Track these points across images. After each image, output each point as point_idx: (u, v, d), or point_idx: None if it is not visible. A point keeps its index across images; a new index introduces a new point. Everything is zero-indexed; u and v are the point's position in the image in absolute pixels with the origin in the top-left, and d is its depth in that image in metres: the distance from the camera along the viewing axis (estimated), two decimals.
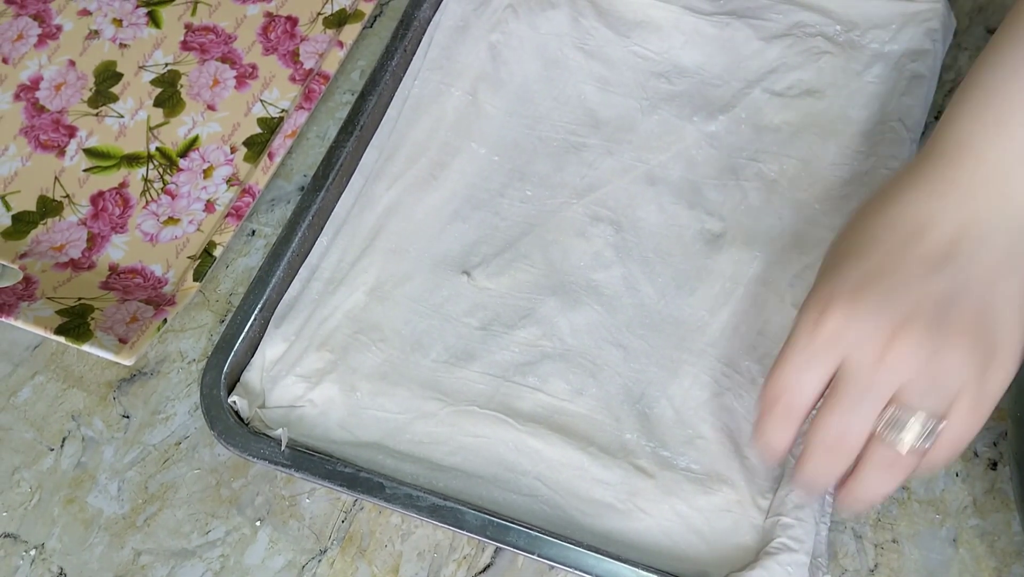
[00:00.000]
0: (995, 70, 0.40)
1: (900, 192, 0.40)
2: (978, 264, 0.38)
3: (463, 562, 0.49)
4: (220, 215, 0.57)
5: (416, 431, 0.50)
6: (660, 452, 0.48)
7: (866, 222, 0.41)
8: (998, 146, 0.39)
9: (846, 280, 0.39)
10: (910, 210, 0.39)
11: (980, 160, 0.39)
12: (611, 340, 0.51)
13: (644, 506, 0.47)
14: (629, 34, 0.60)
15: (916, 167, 0.41)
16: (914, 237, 0.39)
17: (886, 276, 0.38)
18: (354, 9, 0.64)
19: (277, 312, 0.53)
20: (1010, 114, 0.39)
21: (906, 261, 0.39)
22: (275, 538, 0.49)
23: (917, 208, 0.39)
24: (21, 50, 0.63)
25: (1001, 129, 0.39)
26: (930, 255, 0.38)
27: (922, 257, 0.38)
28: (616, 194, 0.55)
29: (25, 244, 0.57)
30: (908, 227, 0.39)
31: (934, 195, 0.39)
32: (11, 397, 0.54)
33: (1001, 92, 0.40)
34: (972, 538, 0.48)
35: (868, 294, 0.38)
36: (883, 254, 0.39)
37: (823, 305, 0.39)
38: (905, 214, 0.40)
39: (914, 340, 0.37)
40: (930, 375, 0.37)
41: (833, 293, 0.39)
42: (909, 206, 0.40)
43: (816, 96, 0.57)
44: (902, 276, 0.38)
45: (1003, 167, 0.39)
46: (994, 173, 0.39)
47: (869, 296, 0.38)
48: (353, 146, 0.57)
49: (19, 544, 0.50)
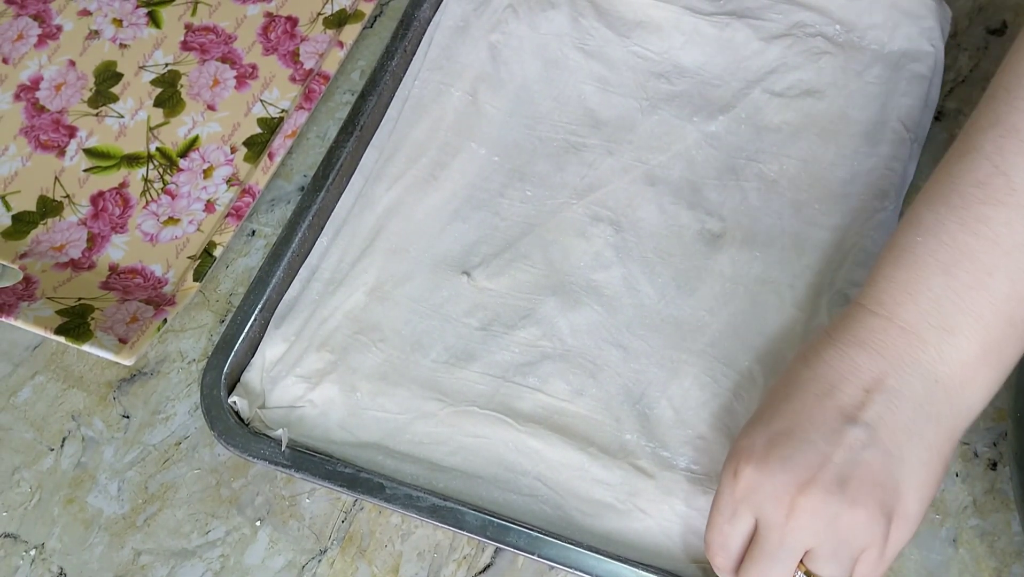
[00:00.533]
0: (912, 230, 0.42)
1: (822, 346, 0.42)
2: (889, 417, 0.40)
3: (463, 562, 0.49)
4: (220, 215, 0.57)
5: (416, 431, 0.50)
6: (660, 452, 0.48)
7: (790, 373, 0.43)
8: (907, 309, 0.40)
9: (762, 433, 0.41)
10: (826, 365, 0.41)
11: (891, 321, 0.41)
12: (611, 340, 0.51)
13: (644, 506, 0.47)
14: (629, 34, 0.60)
15: (841, 321, 0.43)
16: (829, 392, 0.41)
17: (796, 432, 0.40)
18: (354, 9, 0.64)
19: (277, 312, 0.53)
20: (918, 278, 0.41)
21: (818, 416, 0.40)
22: (275, 538, 0.49)
23: (834, 363, 0.41)
24: (21, 50, 0.63)
25: (909, 289, 0.41)
26: (843, 407, 0.40)
27: (835, 410, 0.40)
28: (616, 194, 0.55)
29: (25, 244, 0.57)
30: (824, 381, 0.41)
31: (849, 351, 0.41)
32: (11, 397, 0.54)
33: (914, 254, 0.41)
34: (972, 538, 0.48)
35: (776, 451, 0.40)
36: (798, 408, 0.41)
37: (739, 458, 0.41)
38: (822, 368, 0.41)
39: (816, 503, 0.39)
40: (834, 537, 0.39)
41: (748, 446, 0.41)
42: (826, 361, 0.41)
43: (816, 96, 0.57)
44: (812, 432, 0.40)
45: (911, 329, 0.40)
46: (903, 334, 0.40)
47: (778, 453, 0.40)
48: (353, 146, 0.57)
49: (19, 544, 0.50)
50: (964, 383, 0.40)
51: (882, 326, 0.41)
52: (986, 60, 0.60)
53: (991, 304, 0.40)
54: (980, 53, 0.61)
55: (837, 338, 0.42)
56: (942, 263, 0.40)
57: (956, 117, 0.58)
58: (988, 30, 0.61)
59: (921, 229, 0.41)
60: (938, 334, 0.40)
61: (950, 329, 0.40)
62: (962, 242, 0.40)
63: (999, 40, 0.61)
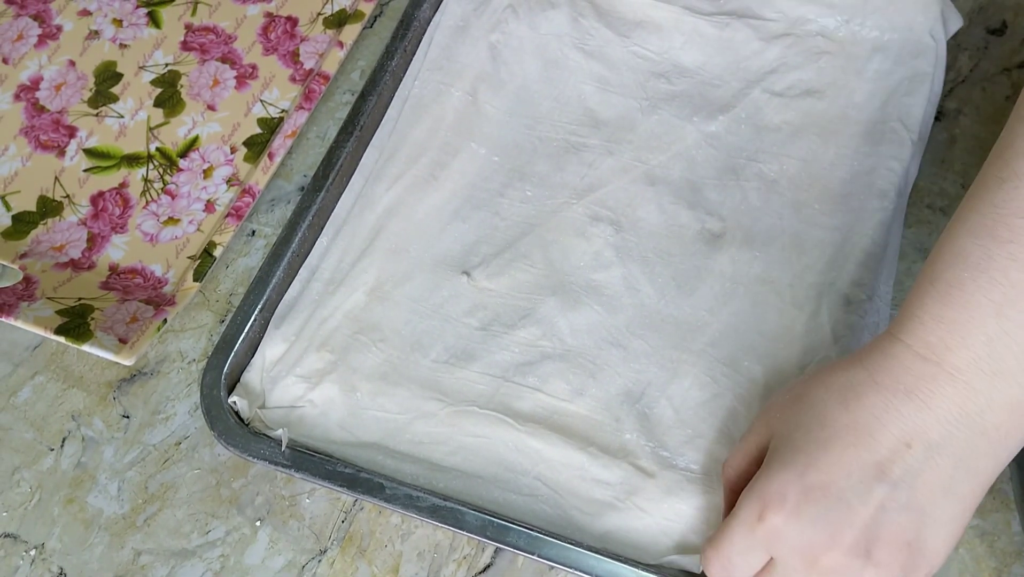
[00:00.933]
0: (958, 264, 0.40)
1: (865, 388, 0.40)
2: (928, 473, 0.39)
3: (463, 562, 0.49)
4: (220, 215, 0.57)
5: (416, 431, 0.50)
6: (660, 452, 0.48)
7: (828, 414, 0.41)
8: (958, 355, 0.39)
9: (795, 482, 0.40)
10: (868, 413, 0.40)
11: (940, 367, 0.39)
12: (611, 340, 0.51)
13: (643, 505, 0.47)
14: (629, 34, 0.60)
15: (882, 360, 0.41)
16: (868, 443, 0.39)
17: (831, 489, 0.39)
18: (354, 9, 0.64)
19: (277, 312, 0.53)
20: (970, 320, 0.39)
21: (855, 469, 0.39)
22: (275, 538, 0.49)
23: (876, 412, 0.40)
24: (21, 50, 0.63)
25: (960, 332, 0.39)
26: (880, 462, 0.39)
27: (872, 465, 0.39)
28: (616, 194, 0.55)
29: (25, 244, 0.57)
30: (864, 430, 0.40)
31: (895, 401, 0.39)
32: (11, 397, 0.54)
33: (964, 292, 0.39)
34: (972, 538, 0.48)
35: (809, 506, 0.39)
36: (835, 460, 0.40)
37: (768, 503, 0.40)
38: (863, 415, 0.40)
39: (839, 564, 0.39)
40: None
41: (779, 493, 0.40)
42: (868, 409, 0.40)
43: (816, 96, 0.57)
44: (847, 489, 0.39)
45: (962, 377, 0.38)
46: (952, 382, 0.39)
47: (809, 508, 0.39)
48: (353, 146, 0.57)
49: (19, 544, 0.50)
50: (1009, 431, 0.39)
51: (931, 373, 0.39)
52: (986, 60, 0.60)
53: None
54: (980, 53, 0.61)
55: (881, 383, 0.40)
56: (995, 303, 0.38)
57: (956, 117, 0.58)
58: (988, 30, 0.61)
59: (968, 264, 0.39)
60: (989, 380, 0.38)
61: (1001, 374, 0.38)
62: (1015, 280, 0.38)
63: (999, 40, 0.61)
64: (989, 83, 0.59)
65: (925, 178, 0.57)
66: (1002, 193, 0.40)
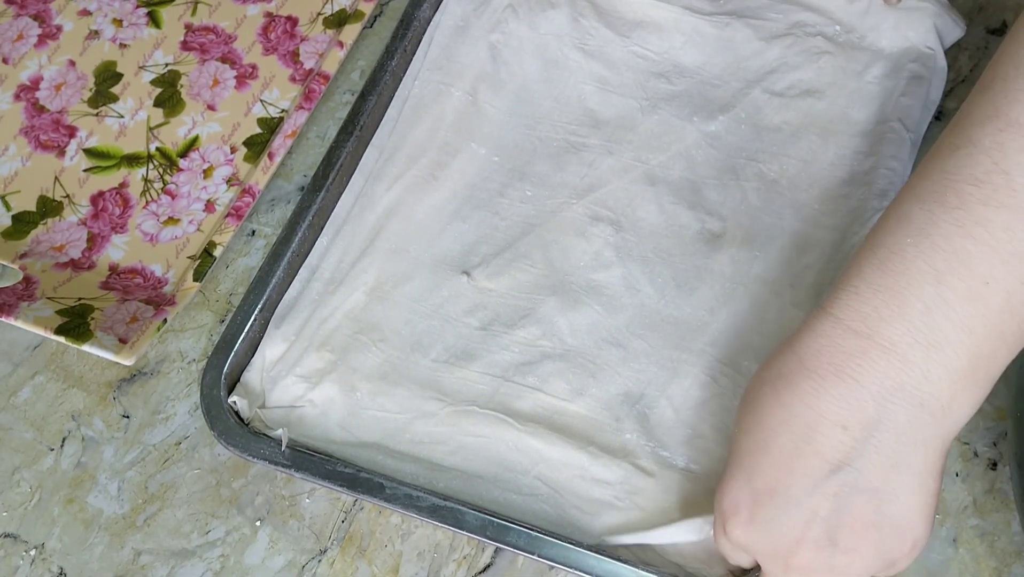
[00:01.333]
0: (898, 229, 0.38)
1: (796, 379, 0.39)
2: (873, 453, 0.37)
3: (463, 562, 0.49)
4: (220, 215, 0.57)
5: (416, 431, 0.50)
6: (660, 452, 0.48)
7: (764, 409, 0.40)
8: (893, 326, 0.37)
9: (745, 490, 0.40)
10: (802, 404, 0.38)
11: (872, 340, 0.37)
12: (611, 340, 0.51)
13: (643, 505, 0.47)
14: (629, 34, 0.60)
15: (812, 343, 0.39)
16: (807, 436, 0.38)
17: (779, 490, 0.39)
18: (354, 9, 0.64)
19: (277, 312, 0.53)
20: (908, 287, 0.37)
21: (799, 467, 0.38)
22: (275, 538, 0.49)
23: (809, 401, 0.38)
24: (21, 50, 0.63)
25: (897, 300, 0.37)
26: (822, 452, 0.38)
27: (815, 457, 0.38)
28: (616, 194, 0.55)
29: (25, 244, 0.57)
30: (801, 423, 0.38)
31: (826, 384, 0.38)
32: (11, 397, 0.54)
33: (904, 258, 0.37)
34: (972, 538, 0.48)
35: (763, 513, 0.39)
36: (777, 461, 0.39)
37: (726, 514, 0.41)
38: (798, 408, 0.38)
39: (809, 560, 0.39)
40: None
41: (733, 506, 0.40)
42: (801, 399, 0.38)
43: (816, 96, 0.57)
44: (795, 487, 0.38)
45: (896, 349, 0.37)
46: (885, 355, 0.37)
47: (764, 515, 0.39)
48: (353, 146, 0.57)
49: (19, 544, 0.50)
50: (950, 402, 0.37)
51: (862, 348, 0.37)
52: (986, 60, 0.60)
53: (984, 317, 0.36)
54: (980, 53, 0.61)
55: (811, 366, 0.38)
56: (936, 270, 0.36)
57: None
58: (988, 30, 0.61)
59: (912, 229, 0.37)
60: (924, 351, 0.37)
61: (938, 345, 0.37)
62: (959, 246, 0.36)
63: (999, 40, 0.61)
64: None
65: None
66: (954, 160, 0.38)
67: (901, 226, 0.38)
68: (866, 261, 0.39)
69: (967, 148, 0.38)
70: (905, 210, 0.38)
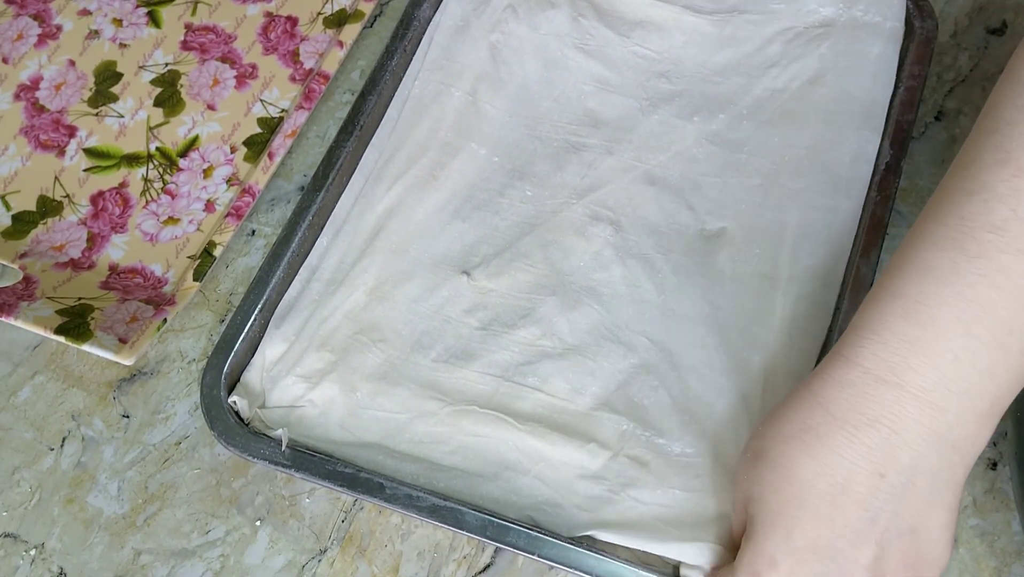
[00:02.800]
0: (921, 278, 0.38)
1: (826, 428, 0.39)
2: (909, 496, 0.38)
3: (463, 562, 0.49)
4: (220, 215, 0.57)
5: (416, 431, 0.50)
6: (655, 440, 0.48)
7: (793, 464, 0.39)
8: (923, 375, 0.37)
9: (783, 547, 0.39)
10: (835, 455, 0.38)
11: (903, 389, 0.38)
12: (611, 338, 0.51)
13: (637, 494, 0.47)
14: (629, 34, 0.60)
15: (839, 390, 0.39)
16: (843, 487, 0.38)
17: (821, 545, 0.38)
18: (354, 9, 0.64)
19: (277, 312, 0.53)
20: (936, 338, 0.37)
21: (839, 519, 0.38)
22: (275, 538, 0.49)
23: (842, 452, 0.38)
24: (21, 50, 0.63)
25: (926, 351, 0.37)
26: (861, 501, 0.38)
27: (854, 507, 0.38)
28: (616, 194, 0.55)
29: (25, 244, 0.57)
30: (836, 475, 0.38)
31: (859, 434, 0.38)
32: (11, 397, 0.54)
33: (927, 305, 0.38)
34: (972, 538, 0.48)
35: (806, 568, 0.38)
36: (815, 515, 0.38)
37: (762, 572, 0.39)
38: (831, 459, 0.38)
39: None
40: None
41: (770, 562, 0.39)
42: (834, 450, 0.38)
43: (818, 83, 0.57)
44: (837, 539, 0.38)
45: (927, 397, 0.37)
46: (917, 403, 0.38)
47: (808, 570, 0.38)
48: (353, 146, 0.57)
49: (19, 544, 0.50)
50: (975, 441, 0.38)
51: (894, 397, 0.38)
52: (986, 60, 0.60)
53: (1006, 363, 0.38)
54: (980, 53, 0.61)
55: (842, 418, 0.38)
56: (963, 320, 0.37)
57: (956, 117, 0.58)
58: (988, 30, 0.61)
59: (933, 278, 0.38)
60: (956, 399, 0.37)
61: (967, 392, 0.37)
62: (983, 296, 0.37)
63: (999, 40, 0.61)
64: (989, 83, 0.59)
65: (925, 178, 0.57)
66: (971, 206, 0.39)
67: (923, 275, 0.38)
68: (888, 310, 0.39)
69: (982, 194, 0.38)
70: (925, 258, 0.39)
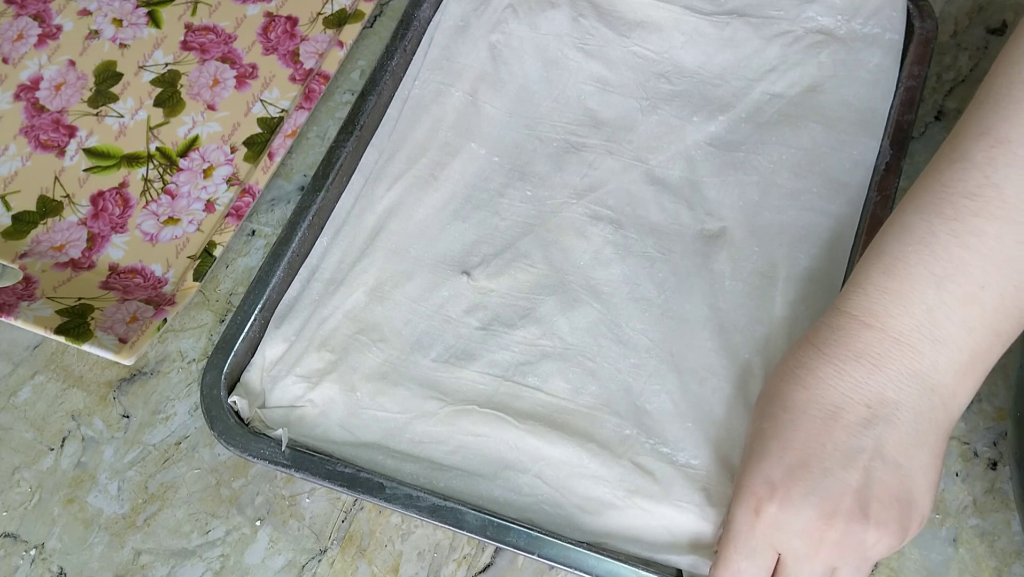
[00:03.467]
0: (901, 238, 0.42)
1: (816, 363, 0.42)
2: (894, 430, 0.40)
3: (463, 562, 0.49)
4: (220, 215, 0.57)
5: (416, 431, 0.50)
6: (660, 448, 0.48)
7: (787, 395, 0.42)
8: (898, 320, 0.41)
9: (777, 467, 0.41)
10: (825, 385, 0.41)
11: (884, 333, 0.41)
12: (611, 338, 0.51)
13: (643, 503, 0.47)
14: (629, 34, 0.60)
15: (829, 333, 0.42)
16: (833, 411, 0.41)
17: (812, 463, 0.41)
18: (354, 9, 0.64)
19: (277, 312, 0.53)
20: (912, 290, 0.41)
21: (829, 441, 0.41)
22: (275, 538, 0.49)
23: (832, 382, 0.41)
24: (21, 50, 0.63)
25: (902, 301, 0.41)
26: (849, 425, 0.41)
27: (843, 432, 0.41)
28: (616, 193, 0.55)
29: (25, 244, 0.57)
30: (826, 402, 0.41)
31: (846, 368, 0.41)
32: (11, 397, 0.54)
33: (907, 265, 0.41)
34: (972, 538, 0.48)
35: (797, 486, 0.40)
36: (807, 434, 0.41)
37: (759, 496, 0.41)
38: (820, 389, 0.41)
39: (843, 533, 0.40)
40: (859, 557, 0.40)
41: (766, 483, 0.41)
42: (823, 380, 0.41)
43: (817, 91, 0.57)
44: (827, 460, 0.40)
45: (905, 340, 0.41)
46: (898, 346, 0.41)
47: (798, 488, 0.40)
48: (353, 146, 0.57)
49: (19, 544, 0.50)
50: (955, 390, 0.41)
51: (876, 338, 0.41)
52: (986, 60, 0.60)
53: (981, 317, 0.40)
54: (980, 53, 0.61)
55: (830, 353, 0.42)
56: (936, 276, 0.40)
57: (956, 117, 0.58)
58: (988, 30, 0.61)
59: (913, 238, 0.41)
60: (932, 345, 0.40)
61: (942, 340, 0.40)
62: (956, 256, 0.40)
63: (999, 40, 0.61)
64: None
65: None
66: (951, 173, 0.42)
67: (903, 235, 0.42)
68: (873, 266, 0.43)
69: (961, 163, 0.42)
70: (907, 220, 0.42)
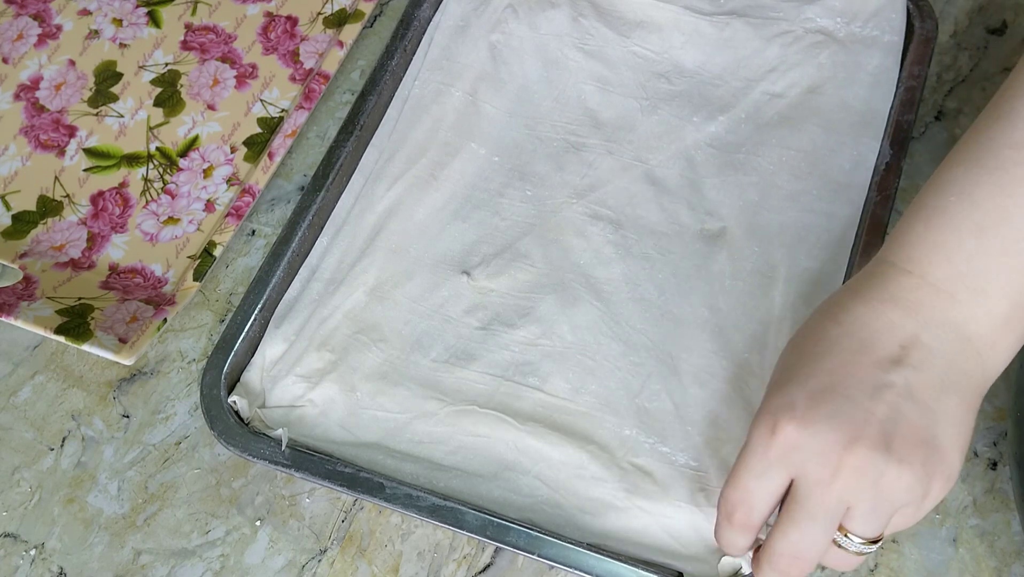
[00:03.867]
0: (943, 192, 0.42)
1: (852, 303, 0.42)
2: (925, 373, 0.39)
3: (463, 562, 0.49)
4: (220, 215, 0.57)
5: (416, 431, 0.50)
6: (659, 448, 0.48)
7: (819, 330, 0.42)
8: (938, 268, 0.41)
9: (800, 390, 0.40)
10: (859, 322, 0.41)
11: (923, 279, 0.41)
12: (611, 338, 0.51)
13: (643, 504, 0.47)
14: (629, 34, 0.60)
15: (867, 279, 0.42)
16: (865, 346, 0.40)
17: (837, 389, 0.39)
18: (354, 9, 0.64)
19: (277, 312, 0.53)
20: (952, 240, 0.41)
21: (857, 371, 0.39)
22: (275, 538, 0.49)
23: (867, 320, 0.41)
24: (21, 50, 0.63)
25: (943, 250, 0.41)
26: (880, 361, 0.40)
27: (872, 366, 0.39)
28: (616, 193, 0.55)
29: (25, 244, 0.57)
30: (859, 336, 0.40)
31: (883, 308, 0.41)
32: (11, 397, 0.54)
33: (948, 215, 0.41)
34: (972, 538, 0.48)
35: (819, 408, 0.39)
36: (835, 364, 0.40)
37: (777, 416, 0.40)
38: (855, 325, 0.41)
39: (863, 460, 0.38)
40: (877, 495, 0.38)
41: (787, 404, 0.40)
42: (859, 318, 0.41)
43: (816, 92, 0.57)
44: (853, 388, 0.39)
45: (944, 288, 0.40)
46: (935, 293, 0.40)
47: (820, 410, 0.39)
48: (353, 146, 0.57)
49: (19, 544, 0.50)
50: (992, 344, 0.40)
51: (915, 284, 0.41)
52: (986, 60, 0.60)
53: (1021, 269, 0.40)
54: (980, 53, 0.61)
55: (868, 296, 0.41)
56: (977, 225, 0.40)
57: (956, 117, 0.58)
58: (988, 30, 0.61)
59: (954, 189, 0.41)
60: (971, 294, 0.40)
61: (981, 291, 0.40)
62: (999, 205, 0.40)
63: (999, 40, 0.61)
64: (989, 83, 0.59)
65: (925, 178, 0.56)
66: (996, 127, 0.42)
67: (945, 187, 0.42)
68: (913, 218, 0.42)
69: (1006, 118, 0.41)
70: (948, 173, 0.42)
